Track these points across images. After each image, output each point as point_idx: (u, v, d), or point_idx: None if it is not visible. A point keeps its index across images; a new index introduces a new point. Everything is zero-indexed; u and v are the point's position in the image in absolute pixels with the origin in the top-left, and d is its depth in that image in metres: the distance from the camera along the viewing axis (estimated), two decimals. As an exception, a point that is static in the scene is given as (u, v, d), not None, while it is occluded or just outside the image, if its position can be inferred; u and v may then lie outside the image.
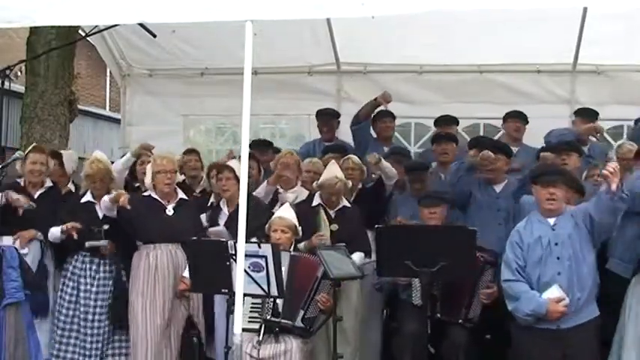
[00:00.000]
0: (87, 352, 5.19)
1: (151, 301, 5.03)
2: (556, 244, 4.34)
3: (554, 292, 4.27)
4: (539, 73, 7.15)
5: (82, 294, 5.24)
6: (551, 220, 4.43)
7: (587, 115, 6.36)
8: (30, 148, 5.68)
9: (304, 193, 5.69)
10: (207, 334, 5.26)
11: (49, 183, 5.60)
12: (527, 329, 4.34)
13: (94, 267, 5.27)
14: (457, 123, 6.72)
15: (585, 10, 5.99)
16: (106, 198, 5.19)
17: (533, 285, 4.36)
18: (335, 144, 6.63)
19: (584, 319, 4.30)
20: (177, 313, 5.09)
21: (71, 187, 5.94)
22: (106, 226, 5.27)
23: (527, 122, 6.45)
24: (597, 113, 6.40)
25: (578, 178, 5.00)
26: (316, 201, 5.33)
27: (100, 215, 5.33)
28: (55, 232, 5.26)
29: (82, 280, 5.25)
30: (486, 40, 6.72)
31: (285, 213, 4.86)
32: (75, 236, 5.17)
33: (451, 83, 7.22)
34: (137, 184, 5.88)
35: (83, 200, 5.42)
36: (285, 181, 5.69)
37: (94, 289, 5.23)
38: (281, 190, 5.67)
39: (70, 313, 5.26)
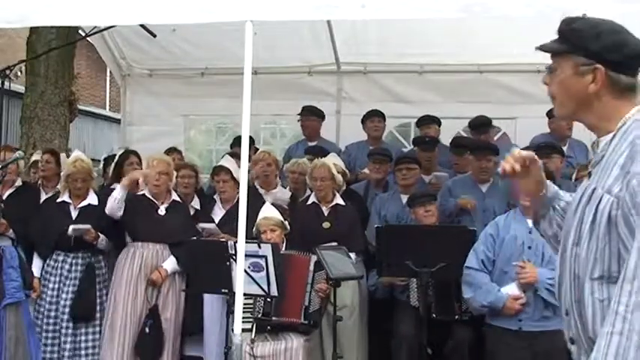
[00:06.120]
0: (62, 352, 5.17)
1: (132, 300, 5.04)
2: (529, 247, 4.33)
3: (513, 289, 4.27)
4: (539, 73, 7.11)
5: (49, 292, 5.21)
6: (530, 221, 4.41)
7: None
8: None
9: (286, 194, 5.70)
10: (197, 335, 5.23)
11: (19, 182, 5.59)
12: (499, 329, 4.32)
13: (66, 266, 5.23)
14: (439, 123, 6.70)
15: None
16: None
17: (494, 277, 4.34)
18: (317, 145, 6.58)
19: (551, 327, 4.19)
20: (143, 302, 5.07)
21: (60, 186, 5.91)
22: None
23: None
24: None
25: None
26: (311, 199, 5.33)
27: (74, 216, 5.30)
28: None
29: (52, 278, 5.23)
30: (486, 40, 6.71)
31: (269, 212, 4.82)
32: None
33: (451, 83, 7.21)
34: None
35: (58, 200, 5.37)
36: (266, 181, 5.70)
37: (65, 287, 5.20)
38: (262, 191, 5.66)
39: (44, 312, 5.23)
